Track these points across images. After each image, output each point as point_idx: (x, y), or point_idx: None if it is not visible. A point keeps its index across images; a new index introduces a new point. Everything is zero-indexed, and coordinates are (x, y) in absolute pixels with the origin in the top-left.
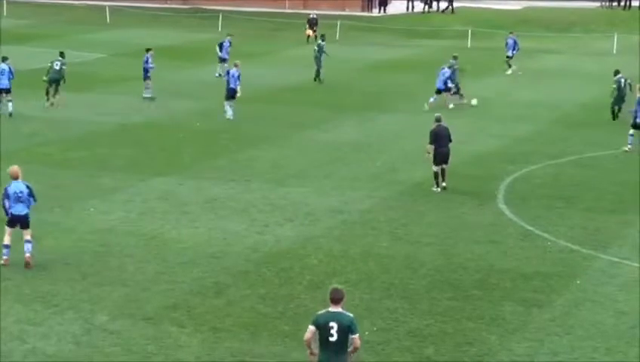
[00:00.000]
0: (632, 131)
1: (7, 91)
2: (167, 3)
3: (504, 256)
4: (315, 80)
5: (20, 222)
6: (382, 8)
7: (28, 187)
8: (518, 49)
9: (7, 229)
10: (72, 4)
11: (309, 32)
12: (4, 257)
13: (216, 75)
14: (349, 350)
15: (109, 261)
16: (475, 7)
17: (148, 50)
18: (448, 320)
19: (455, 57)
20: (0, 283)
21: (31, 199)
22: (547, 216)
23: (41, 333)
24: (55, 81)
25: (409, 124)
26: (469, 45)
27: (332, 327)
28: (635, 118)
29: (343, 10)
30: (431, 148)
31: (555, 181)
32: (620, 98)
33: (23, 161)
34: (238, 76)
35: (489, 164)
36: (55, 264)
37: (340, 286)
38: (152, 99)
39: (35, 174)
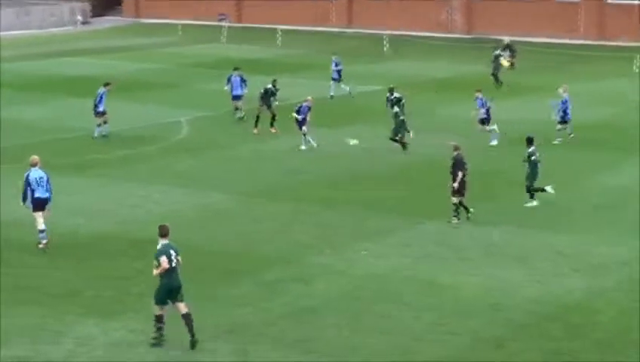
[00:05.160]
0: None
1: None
2: (448, 32)
3: None
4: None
5: (44, 203)
6: None
7: (46, 174)
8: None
9: (37, 214)
10: (347, 32)
11: (507, 61)
12: (44, 241)
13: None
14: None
15: (382, 308)
16: None
17: (106, 84)
18: None
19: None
20: (264, 328)
21: (49, 185)
22: None
23: None
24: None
25: None
26: None
27: (172, 255)
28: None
29: None
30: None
31: None
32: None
33: (288, 199)
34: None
35: None
36: (325, 309)
37: (164, 223)
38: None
39: (300, 213)
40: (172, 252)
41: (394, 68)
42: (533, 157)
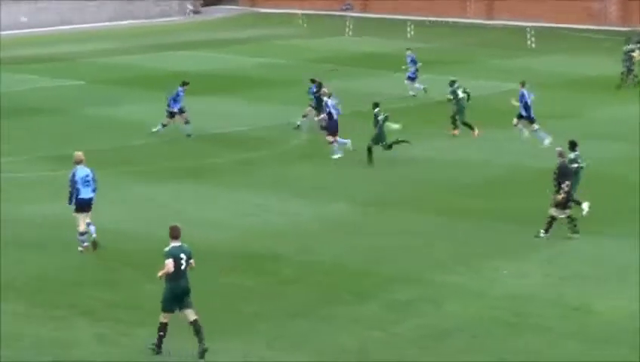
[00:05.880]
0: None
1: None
2: (601, 24)
3: None
4: None
5: (87, 205)
6: None
7: (92, 171)
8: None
9: (78, 216)
10: (488, 24)
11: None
12: (84, 244)
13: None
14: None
15: (521, 334)
16: None
17: (184, 83)
18: None
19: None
20: (393, 352)
21: (95, 184)
22: None
23: None
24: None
25: None
26: None
27: (182, 258)
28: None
29: None
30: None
31: None
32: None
33: (419, 210)
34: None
35: None
36: (458, 334)
37: (176, 224)
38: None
39: (432, 225)
40: (182, 255)
41: (539, 63)
42: (576, 164)
